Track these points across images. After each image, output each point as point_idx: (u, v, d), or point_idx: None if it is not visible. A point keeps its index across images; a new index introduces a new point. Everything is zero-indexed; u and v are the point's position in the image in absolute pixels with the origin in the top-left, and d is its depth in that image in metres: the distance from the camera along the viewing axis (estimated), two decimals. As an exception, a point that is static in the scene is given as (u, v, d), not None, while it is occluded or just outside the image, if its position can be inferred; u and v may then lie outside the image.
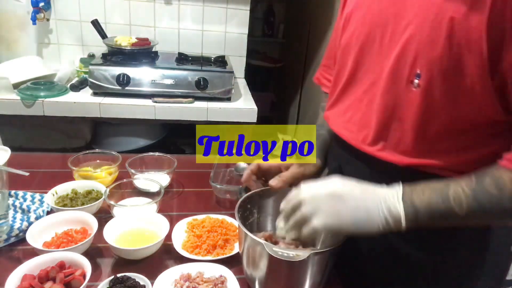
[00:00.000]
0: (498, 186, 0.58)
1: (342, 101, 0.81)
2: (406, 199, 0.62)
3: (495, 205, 0.59)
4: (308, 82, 2.61)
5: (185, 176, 1.18)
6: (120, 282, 0.72)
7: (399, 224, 0.61)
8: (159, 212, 0.96)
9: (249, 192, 0.84)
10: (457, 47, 0.59)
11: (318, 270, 0.69)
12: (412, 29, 0.64)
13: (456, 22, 0.59)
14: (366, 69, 0.74)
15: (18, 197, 0.98)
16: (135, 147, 1.83)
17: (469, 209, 0.59)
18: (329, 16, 2.18)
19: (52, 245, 0.81)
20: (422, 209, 0.61)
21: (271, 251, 0.65)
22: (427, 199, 0.61)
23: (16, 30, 1.76)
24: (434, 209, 0.61)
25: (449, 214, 0.60)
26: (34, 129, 1.77)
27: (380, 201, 0.62)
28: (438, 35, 0.60)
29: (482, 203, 0.59)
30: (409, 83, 0.65)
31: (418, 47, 0.63)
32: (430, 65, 0.62)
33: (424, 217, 0.61)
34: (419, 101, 0.64)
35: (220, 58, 1.91)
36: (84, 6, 1.89)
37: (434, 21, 0.61)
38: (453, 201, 0.60)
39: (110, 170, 1.10)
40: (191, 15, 1.99)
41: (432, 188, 0.62)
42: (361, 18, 0.75)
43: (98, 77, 1.61)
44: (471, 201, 0.59)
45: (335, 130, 0.83)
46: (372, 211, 0.61)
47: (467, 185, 0.60)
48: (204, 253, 0.85)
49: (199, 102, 1.69)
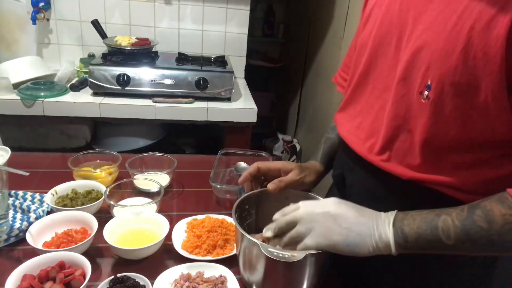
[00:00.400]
0: (487, 219, 0.58)
1: (353, 104, 0.79)
2: (397, 226, 0.62)
3: (483, 239, 0.58)
4: (308, 82, 2.61)
5: (185, 176, 1.18)
6: (120, 282, 0.72)
7: (389, 250, 0.62)
8: (159, 212, 0.96)
9: (247, 193, 0.84)
10: (473, 60, 0.56)
11: (315, 271, 0.68)
12: (427, 36, 0.61)
13: (475, 32, 0.55)
14: (379, 72, 0.72)
15: (18, 197, 0.98)
16: (135, 147, 1.83)
17: (457, 240, 0.59)
18: (329, 16, 2.18)
19: (52, 245, 0.81)
20: (410, 237, 0.61)
21: (267, 252, 0.64)
22: (416, 228, 0.61)
23: (16, 30, 1.76)
24: (423, 238, 0.61)
25: (437, 244, 0.60)
26: (34, 129, 1.77)
27: (373, 226, 0.63)
28: (454, 45, 0.57)
29: (470, 235, 0.58)
30: (420, 93, 0.63)
31: (432, 56, 0.60)
32: (441, 77, 0.59)
33: (413, 245, 0.61)
34: (428, 114, 0.62)
35: (220, 58, 1.91)
36: (84, 6, 1.89)
37: (452, 30, 0.58)
38: (441, 232, 0.60)
39: (110, 170, 1.10)
40: (191, 15, 1.99)
41: (423, 216, 0.62)
42: (380, 18, 0.71)
43: (98, 77, 1.61)
44: (459, 232, 0.59)
45: (342, 136, 0.82)
46: (364, 235, 0.62)
47: (457, 216, 0.60)
48: (204, 253, 0.85)
49: (199, 102, 1.69)
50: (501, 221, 0.57)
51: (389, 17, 0.69)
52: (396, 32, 0.68)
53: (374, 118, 0.73)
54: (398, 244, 0.61)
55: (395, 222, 0.62)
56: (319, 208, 0.66)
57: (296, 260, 0.63)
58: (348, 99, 0.81)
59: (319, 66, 2.40)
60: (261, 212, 0.86)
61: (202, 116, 1.68)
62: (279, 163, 0.88)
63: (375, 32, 0.72)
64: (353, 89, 0.79)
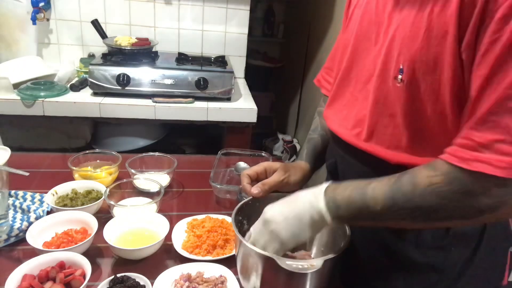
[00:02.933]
0: (412, 182, 0.58)
1: (339, 99, 0.82)
2: (329, 195, 0.64)
3: (408, 203, 0.58)
4: (308, 82, 2.61)
5: (185, 176, 1.18)
6: (120, 282, 0.72)
7: (325, 219, 0.64)
8: (159, 212, 0.96)
9: (241, 202, 0.81)
10: (435, 39, 0.60)
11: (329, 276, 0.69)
12: (398, 26, 0.66)
13: (434, 14, 0.60)
14: (361, 66, 0.75)
15: (18, 197, 0.98)
16: (135, 147, 1.83)
17: (384, 206, 0.60)
18: (329, 16, 2.18)
19: (52, 245, 0.81)
20: (342, 205, 0.63)
21: (285, 265, 0.63)
22: (347, 195, 0.63)
23: (16, 30, 1.76)
24: (352, 206, 0.62)
25: (365, 211, 0.62)
26: (34, 129, 1.77)
27: (305, 202, 0.65)
28: (418, 29, 0.62)
29: (395, 200, 0.59)
30: (394, 78, 0.66)
31: (402, 42, 0.64)
32: (411, 59, 0.63)
33: (344, 212, 0.63)
34: (404, 96, 0.65)
35: (220, 58, 1.91)
36: (84, 6, 1.89)
37: (416, 16, 0.63)
38: (370, 198, 0.61)
39: (110, 170, 1.10)
40: (191, 15, 1.99)
41: (356, 184, 0.64)
42: (360, 18, 0.76)
43: (98, 77, 1.61)
44: (386, 197, 0.60)
45: (332, 129, 0.84)
46: (300, 215, 0.65)
47: (387, 182, 0.61)
48: (204, 253, 0.85)
49: (199, 102, 1.69)
50: (425, 183, 0.57)
51: (368, 16, 0.74)
52: (374, 29, 0.72)
53: (359, 108, 0.76)
54: (331, 212, 0.63)
55: (327, 191, 0.65)
56: (259, 223, 0.69)
57: (316, 269, 0.63)
58: (334, 95, 0.84)
59: (319, 66, 2.40)
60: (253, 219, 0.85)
61: (202, 116, 1.68)
62: (264, 165, 0.87)
63: (356, 31, 0.76)
64: (337, 85, 0.82)
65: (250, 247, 0.67)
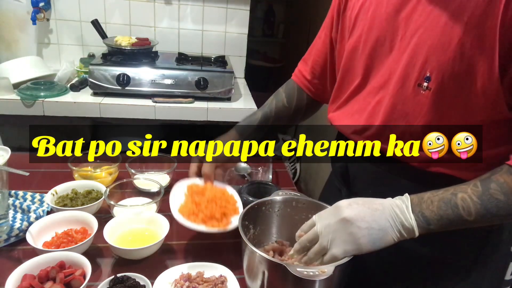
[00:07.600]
0: (503, 191, 0.62)
1: (351, 104, 0.83)
2: (417, 211, 0.64)
3: (503, 210, 0.62)
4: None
5: (185, 176, 1.18)
6: (120, 282, 0.72)
7: (413, 235, 0.65)
8: (159, 212, 0.96)
9: (247, 207, 0.81)
10: (470, 50, 0.61)
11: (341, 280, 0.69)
12: (421, 33, 0.66)
13: (469, 25, 0.60)
14: (376, 73, 0.76)
15: (18, 197, 0.98)
16: (135, 147, 1.83)
17: (478, 215, 0.63)
18: (329, 16, 2.17)
19: (52, 245, 0.81)
20: (433, 220, 0.64)
21: (296, 272, 0.62)
22: (436, 210, 0.64)
23: (16, 30, 1.76)
24: (445, 219, 0.64)
25: (459, 222, 0.64)
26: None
27: (392, 217, 0.65)
28: (449, 38, 0.62)
29: (490, 209, 0.62)
30: (417, 85, 0.67)
31: (428, 51, 0.65)
32: (440, 68, 0.63)
33: (436, 226, 0.64)
34: (429, 104, 0.66)
35: (220, 58, 1.91)
36: (84, 6, 1.89)
37: (446, 26, 0.63)
38: (462, 210, 0.63)
39: (110, 170, 1.10)
40: (191, 15, 1.99)
41: (440, 197, 0.65)
42: (368, 23, 0.75)
43: (98, 77, 1.61)
44: (480, 208, 0.62)
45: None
46: (386, 229, 0.65)
47: (473, 192, 0.63)
48: (199, 221, 0.82)
49: (199, 102, 1.69)
50: None
51: (378, 22, 0.73)
52: (388, 35, 0.72)
53: (371, 112, 0.76)
54: (421, 228, 0.64)
55: (413, 207, 0.65)
56: (334, 217, 0.67)
57: (327, 276, 0.62)
58: (345, 101, 0.84)
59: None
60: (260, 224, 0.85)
61: (202, 116, 1.68)
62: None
63: (365, 37, 0.76)
64: (351, 92, 0.82)
65: (258, 253, 0.67)
